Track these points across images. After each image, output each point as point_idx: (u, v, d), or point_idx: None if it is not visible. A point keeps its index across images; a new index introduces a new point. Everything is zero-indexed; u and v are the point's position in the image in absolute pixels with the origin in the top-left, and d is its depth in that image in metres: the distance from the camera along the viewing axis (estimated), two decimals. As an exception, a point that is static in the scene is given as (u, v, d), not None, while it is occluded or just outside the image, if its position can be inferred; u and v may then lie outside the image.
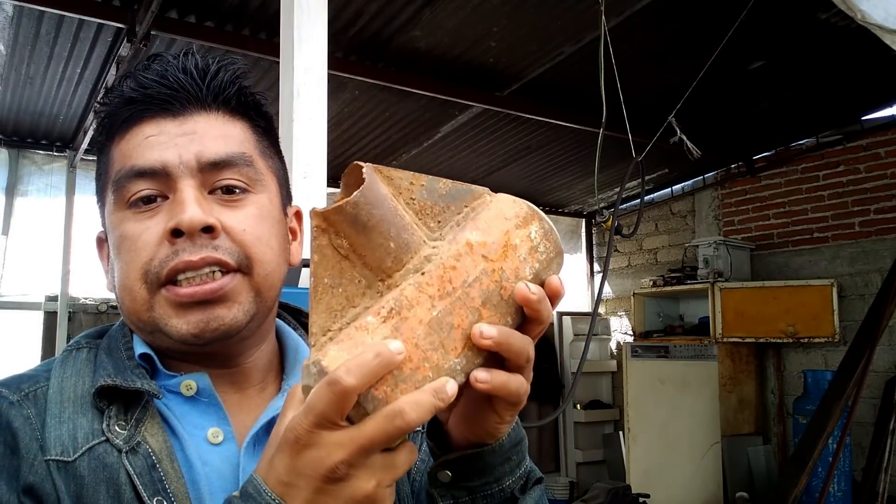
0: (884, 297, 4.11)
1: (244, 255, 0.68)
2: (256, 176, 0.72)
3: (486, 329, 0.54)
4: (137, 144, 0.69)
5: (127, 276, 0.68)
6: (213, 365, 0.71)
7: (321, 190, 2.06)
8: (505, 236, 0.58)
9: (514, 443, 0.66)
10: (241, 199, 0.70)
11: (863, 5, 2.11)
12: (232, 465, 0.67)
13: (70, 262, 4.81)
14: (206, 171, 0.68)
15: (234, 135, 0.71)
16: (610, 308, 6.70)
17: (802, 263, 5.21)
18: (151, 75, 0.70)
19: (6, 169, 4.69)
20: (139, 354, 0.70)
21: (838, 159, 5.09)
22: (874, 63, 3.88)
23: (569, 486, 6.01)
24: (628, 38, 3.47)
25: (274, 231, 0.72)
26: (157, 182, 0.68)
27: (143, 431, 0.65)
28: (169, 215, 0.67)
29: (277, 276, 0.72)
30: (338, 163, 5.00)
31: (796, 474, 3.96)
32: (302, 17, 2.10)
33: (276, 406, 0.71)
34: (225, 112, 0.72)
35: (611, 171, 5.18)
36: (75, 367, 0.70)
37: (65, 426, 0.64)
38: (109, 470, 0.62)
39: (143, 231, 0.67)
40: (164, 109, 0.69)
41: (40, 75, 3.78)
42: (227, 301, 0.67)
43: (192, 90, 0.70)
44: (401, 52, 3.70)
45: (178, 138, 0.68)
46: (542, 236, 0.60)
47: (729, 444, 4.86)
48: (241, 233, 0.68)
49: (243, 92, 0.73)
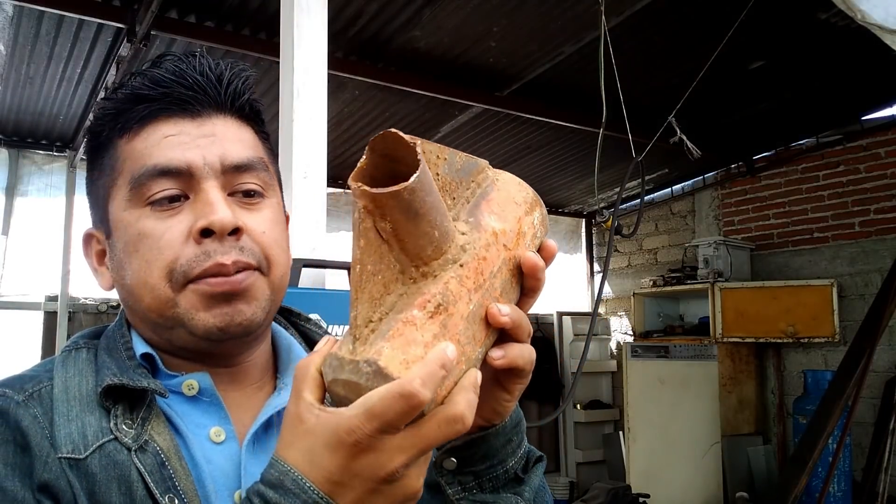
0: (884, 297, 4.11)
1: (263, 256, 0.70)
2: (270, 180, 0.74)
3: (503, 308, 0.57)
4: (156, 143, 0.69)
5: (148, 273, 0.68)
6: (216, 364, 0.72)
7: (321, 190, 2.06)
8: (518, 223, 0.60)
9: (515, 423, 0.68)
10: (258, 203, 0.72)
11: (863, 5, 2.11)
12: (234, 463, 0.68)
13: (70, 262, 4.81)
14: (229, 173, 0.70)
15: (248, 140, 0.73)
16: (610, 308, 6.70)
17: (802, 263, 5.21)
18: (167, 74, 0.70)
19: (6, 169, 4.69)
20: (140, 354, 0.70)
21: (838, 159, 5.09)
22: (874, 63, 3.88)
23: (569, 486, 6.01)
24: (628, 38, 3.47)
25: (284, 234, 0.75)
26: (181, 182, 0.68)
27: (149, 430, 0.65)
28: (193, 215, 0.67)
29: (287, 278, 0.75)
30: (338, 163, 5.00)
31: (796, 474, 3.96)
32: (302, 17, 2.10)
33: (274, 405, 0.72)
34: (238, 117, 0.73)
35: (611, 171, 5.18)
36: (77, 366, 0.70)
37: (73, 424, 0.64)
38: (120, 467, 0.63)
39: (166, 230, 0.67)
40: (182, 109, 0.70)
41: (40, 75, 3.78)
42: (248, 297, 0.68)
43: (211, 93, 0.71)
44: (401, 52, 3.70)
45: (199, 139, 0.69)
46: (540, 222, 0.64)
47: (729, 444, 4.86)
48: (261, 234, 0.70)
49: (254, 100, 0.75)
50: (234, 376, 0.74)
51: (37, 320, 4.74)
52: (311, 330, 0.84)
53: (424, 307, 0.52)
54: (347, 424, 0.51)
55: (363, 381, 0.50)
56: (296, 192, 2.00)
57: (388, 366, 0.49)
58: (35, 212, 4.80)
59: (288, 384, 0.74)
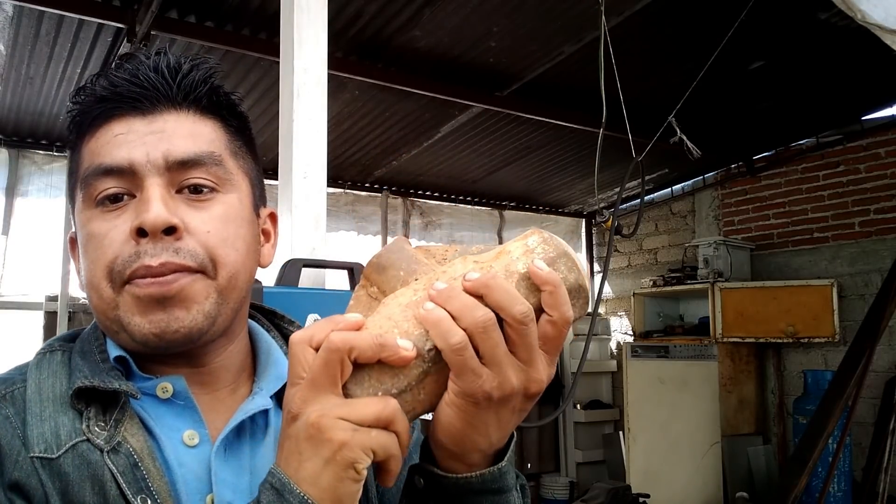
0: (884, 297, 4.11)
1: (208, 257, 0.67)
2: (226, 175, 0.71)
3: (470, 274, 0.55)
4: (106, 142, 0.69)
5: (94, 274, 0.68)
6: (181, 365, 0.71)
7: (321, 190, 2.05)
8: (499, 247, 0.60)
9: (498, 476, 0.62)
10: (208, 199, 0.69)
11: (863, 5, 2.11)
12: (207, 467, 0.67)
13: (70, 262, 4.80)
14: (174, 169, 0.68)
15: (204, 134, 0.71)
16: (610, 308, 6.70)
17: (802, 263, 5.20)
18: (122, 74, 0.70)
19: (6, 169, 4.69)
20: (114, 357, 0.69)
21: (838, 159, 5.09)
22: (874, 63, 3.87)
23: (569, 486, 6.01)
24: (628, 38, 3.47)
25: (241, 232, 0.71)
26: (124, 180, 0.67)
27: (122, 432, 0.65)
28: (135, 214, 0.66)
29: (244, 278, 0.72)
30: (338, 163, 5.00)
31: (796, 474, 3.96)
32: (302, 17, 2.10)
33: (247, 409, 0.71)
34: (196, 111, 0.71)
35: (611, 171, 5.17)
36: (51, 368, 0.70)
37: (46, 424, 0.64)
38: (93, 467, 0.62)
39: (109, 229, 0.67)
40: (133, 108, 0.69)
41: (40, 75, 3.78)
42: (185, 302, 0.66)
43: (162, 89, 0.70)
44: (401, 52, 3.70)
45: (147, 136, 0.68)
46: (539, 242, 0.59)
47: (729, 444, 4.86)
48: (206, 234, 0.68)
49: (215, 91, 0.73)
50: (202, 378, 0.72)
51: (37, 320, 4.74)
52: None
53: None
54: None
55: None
56: (296, 192, 1.99)
57: None
58: (35, 212, 4.80)
59: (263, 389, 0.73)
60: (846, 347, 4.27)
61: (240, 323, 0.76)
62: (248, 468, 0.69)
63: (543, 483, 6.12)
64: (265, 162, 3.38)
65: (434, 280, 0.57)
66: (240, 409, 0.71)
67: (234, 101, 0.75)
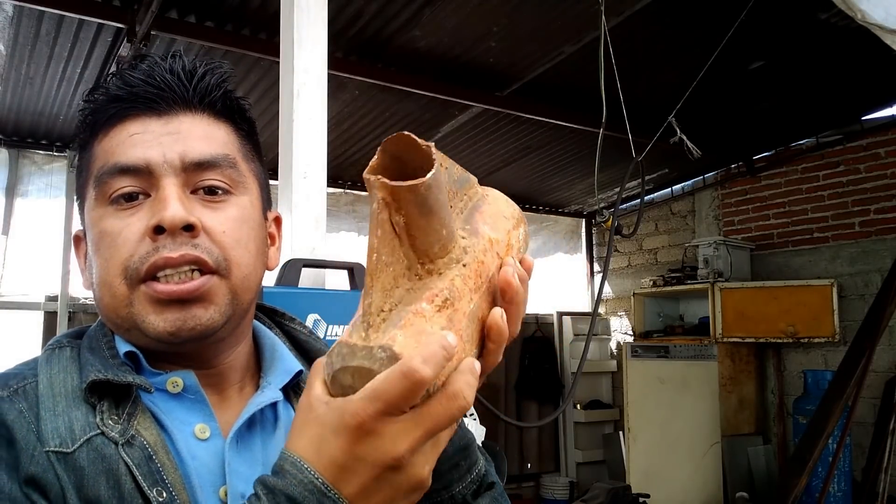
0: (884, 297, 4.12)
1: (222, 257, 0.69)
2: (239, 178, 0.72)
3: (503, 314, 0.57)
4: (121, 142, 0.69)
5: (107, 271, 0.68)
6: (190, 367, 0.71)
7: (321, 190, 2.05)
8: (507, 235, 0.62)
9: (460, 447, 0.67)
10: (222, 201, 0.71)
11: (863, 5, 2.11)
12: (219, 460, 0.68)
13: (70, 262, 4.80)
14: (190, 170, 0.69)
15: (218, 136, 0.72)
16: (610, 308, 6.70)
17: (802, 263, 5.20)
18: (138, 74, 0.71)
19: (6, 169, 4.69)
20: (124, 353, 0.70)
21: (838, 159, 5.09)
22: (874, 63, 3.87)
23: (569, 486, 6.01)
24: (628, 38, 3.47)
25: (253, 234, 0.73)
26: (140, 179, 0.68)
27: (136, 425, 0.65)
28: (151, 213, 0.67)
29: (254, 280, 0.73)
30: (338, 163, 5.00)
31: (796, 474, 3.96)
32: (302, 17, 2.10)
33: (257, 403, 0.72)
34: (210, 114, 0.73)
35: (611, 171, 5.17)
36: (61, 363, 0.70)
37: (60, 419, 0.64)
38: (108, 461, 0.63)
39: (124, 227, 0.67)
40: (149, 108, 0.70)
41: (40, 75, 3.78)
42: (204, 301, 0.67)
43: (178, 90, 0.71)
44: (401, 52, 3.70)
45: (163, 137, 0.69)
46: (523, 238, 0.66)
47: (729, 444, 4.86)
48: (221, 234, 0.69)
49: (228, 95, 0.74)
50: (211, 379, 0.73)
51: (37, 320, 4.74)
52: (297, 330, 0.84)
53: (432, 301, 0.53)
54: (353, 408, 0.51)
55: (376, 367, 0.51)
56: (296, 192, 1.99)
57: (403, 352, 0.50)
58: (35, 212, 4.80)
59: (272, 383, 0.74)
60: (846, 347, 4.28)
61: (247, 324, 0.77)
62: (261, 461, 0.70)
63: (543, 483, 6.12)
64: (265, 162, 3.38)
65: (478, 274, 0.57)
66: (250, 402, 0.72)
67: (244, 106, 0.77)
